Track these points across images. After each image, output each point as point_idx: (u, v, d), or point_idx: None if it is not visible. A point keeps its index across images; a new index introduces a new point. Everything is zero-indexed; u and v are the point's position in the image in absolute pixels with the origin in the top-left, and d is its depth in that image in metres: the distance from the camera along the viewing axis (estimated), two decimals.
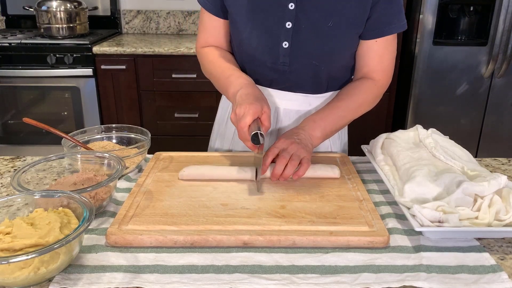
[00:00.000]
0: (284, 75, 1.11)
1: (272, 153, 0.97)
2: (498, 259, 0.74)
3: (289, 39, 1.06)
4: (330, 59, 1.09)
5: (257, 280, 0.68)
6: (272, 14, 1.05)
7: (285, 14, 1.04)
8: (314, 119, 1.05)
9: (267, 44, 1.08)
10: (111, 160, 0.95)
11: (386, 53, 1.10)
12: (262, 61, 1.10)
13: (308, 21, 1.04)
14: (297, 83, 1.13)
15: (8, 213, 0.77)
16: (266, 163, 0.95)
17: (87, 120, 2.64)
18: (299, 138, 1.00)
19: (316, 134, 1.03)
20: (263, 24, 1.06)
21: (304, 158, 0.96)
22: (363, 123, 1.15)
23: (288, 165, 0.94)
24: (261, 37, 1.07)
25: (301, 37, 1.05)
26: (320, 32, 1.04)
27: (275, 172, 0.94)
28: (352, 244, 0.77)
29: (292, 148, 0.96)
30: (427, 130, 1.05)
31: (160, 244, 0.76)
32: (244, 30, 1.08)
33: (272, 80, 1.14)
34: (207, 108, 2.63)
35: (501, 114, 2.58)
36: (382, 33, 1.06)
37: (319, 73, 1.11)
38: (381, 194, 0.96)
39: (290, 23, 1.04)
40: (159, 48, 2.52)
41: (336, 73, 1.14)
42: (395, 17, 1.06)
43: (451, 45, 2.46)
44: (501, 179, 0.83)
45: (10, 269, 0.64)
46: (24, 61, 2.52)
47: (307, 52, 1.07)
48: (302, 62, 1.09)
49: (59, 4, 2.63)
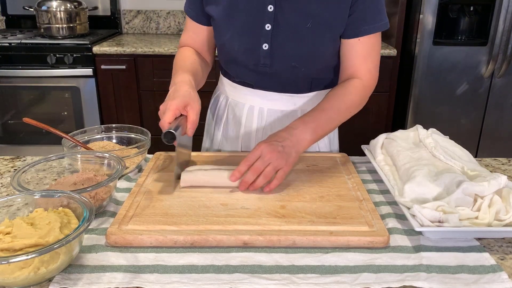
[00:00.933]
0: (266, 76, 1.12)
1: (248, 161, 0.91)
2: (498, 259, 0.74)
3: (269, 41, 1.06)
4: (310, 60, 1.09)
5: (257, 280, 0.68)
6: (251, 17, 1.05)
7: (264, 16, 1.05)
8: (305, 120, 1.00)
9: (247, 46, 1.08)
10: (111, 160, 0.95)
11: (370, 53, 1.08)
12: (244, 63, 1.11)
13: (287, 23, 1.04)
14: (280, 84, 1.14)
15: (8, 213, 0.77)
16: (241, 170, 0.91)
17: (87, 120, 2.64)
18: (282, 145, 0.93)
19: (306, 136, 0.98)
20: (243, 26, 1.07)
21: (280, 171, 0.91)
22: (363, 123, 1.15)
23: (260, 176, 0.90)
24: (242, 39, 1.08)
25: (280, 39, 1.06)
26: (298, 34, 1.05)
27: (244, 180, 0.90)
28: (352, 244, 0.77)
29: (270, 158, 0.91)
30: (427, 130, 1.05)
31: (160, 244, 0.76)
32: (225, 33, 1.09)
33: (255, 81, 1.15)
34: (207, 108, 2.62)
35: (501, 114, 2.58)
36: (363, 32, 1.05)
37: (299, 74, 1.12)
38: (381, 194, 0.96)
39: (269, 25, 1.05)
40: (159, 48, 2.52)
41: (318, 74, 1.14)
42: (375, 16, 1.05)
43: (451, 45, 2.46)
44: (501, 179, 0.83)
45: (10, 269, 0.64)
46: (24, 61, 2.52)
47: (287, 53, 1.07)
48: (282, 63, 1.09)
49: (59, 4, 2.62)
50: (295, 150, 0.95)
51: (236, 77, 1.15)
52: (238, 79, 1.16)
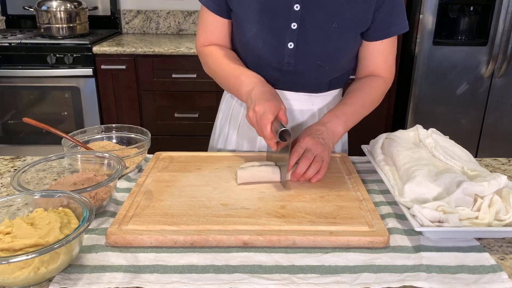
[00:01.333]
0: (289, 75, 1.12)
1: (297, 153, 0.97)
2: (498, 259, 0.74)
3: (295, 39, 1.06)
4: (335, 59, 1.11)
5: (257, 280, 0.68)
6: (278, 15, 1.05)
7: (290, 15, 1.04)
8: (336, 114, 1.06)
9: (272, 44, 1.08)
10: (111, 160, 0.95)
11: (391, 53, 1.13)
12: (268, 62, 1.11)
13: (313, 22, 1.05)
14: (301, 82, 1.14)
15: (8, 213, 0.77)
16: (291, 162, 0.96)
17: (87, 120, 2.64)
18: (323, 138, 1.00)
19: (339, 130, 1.04)
20: (269, 25, 1.07)
21: (324, 161, 0.97)
22: (363, 123, 1.15)
23: (311, 166, 0.96)
24: (267, 38, 1.08)
25: (306, 38, 1.06)
26: (324, 33, 1.05)
27: (297, 171, 0.95)
28: (352, 244, 0.77)
29: (316, 149, 0.97)
30: (427, 130, 1.05)
31: (160, 244, 0.76)
32: (249, 31, 1.08)
33: (276, 80, 1.14)
34: (207, 108, 2.62)
35: (501, 114, 2.58)
36: (388, 34, 1.09)
37: (323, 73, 1.13)
38: (381, 194, 0.96)
39: (295, 24, 1.05)
40: (159, 48, 2.52)
41: (339, 72, 1.16)
42: (398, 18, 1.09)
43: (451, 45, 2.46)
44: (501, 179, 0.83)
45: (10, 269, 0.64)
46: (24, 61, 2.52)
47: (312, 52, 1.08)
48: (307, 62, 1.09)
49: (59, 4, 2.62)
50: (332, 142, 1.03)
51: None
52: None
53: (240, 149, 1.24)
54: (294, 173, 0.96)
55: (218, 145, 1.30)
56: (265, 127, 0.91)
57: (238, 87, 1.05)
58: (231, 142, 1.26)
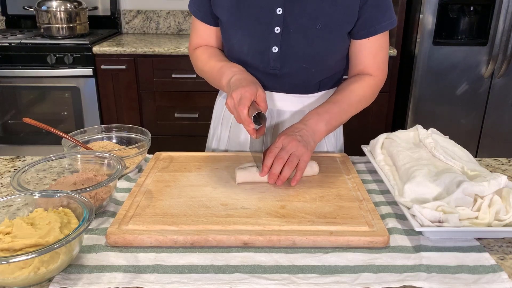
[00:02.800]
0: (276, 78, 1.12)
1: (272, 154, 0.94)
2: (498, 259, 0.74)
3: (278, 43, 1.06)
4: (320, 61, 1.10)
5: (257, 280, 0.68)
6: (260, 20, 1.05)
7: (273, 19, 1.04)
8: (318, 112, 1.04)
9: (257, 49, 1.08)
10: (111, 160, 0.95)
11: (380, 50, 1.11)
12: (254, 66, 1.11)
13: (296, 25, 1.04)
14: (289, 85, 1.14)
15: (8, 213, 0.77)
16: (267, 164, 0.94)
17: (87, 120, 2.64)
18: (300, 135, 0.97)
19: (321, 128, 1.01)
20: (252, 29, 1.07)
21: (301, 160, 0.94)
22: (363, 123, 1.15)
23: (285, 166, 0.93)
24: (251, 42, 1.08)
25: (290, 41, 1.06)
26: (308, 35, 1.05)
27: (272, 173, 0.93)
28: (352, 244, 0.77)
29: (291, 147, 0.94)
30: (427, 130, 1.05)
31: (160, 244, 0.76)
32: (234, 36, 1.09)
33: (264, 83, 1.14)
34: (207, 108, 2.61)
35: (501, 114, 2.58)
36: (374, 31, 1.07)
37: (310, 75, 1.12)
38: (381, 194, 0.96)
39: (278, 28, 1.05)
40: (159, 48, 2.51)
41: (327, 73, 1.15)
42: (384, 15, 1.07)
43: (451, 45, 2.46)
44: (501, 179, 0.83)
45: (10, 269, 0.64)
46: (24, 61, 2.52)
47: (297, 55, 1.08)
48: (293, 65, 1.09)
49: (59, 4, 2.62)
50: (312, 139, 0.99)
51: None
52: None
53: (231, 148, 1.25)
54: (269, 174, 0.93)
55: (212, 146, 1.31)
56: (242, 112, 0.90)
57: (220, 78, 1.06)
58: (223, 143, 1.27)
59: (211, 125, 1.33)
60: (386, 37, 1.11)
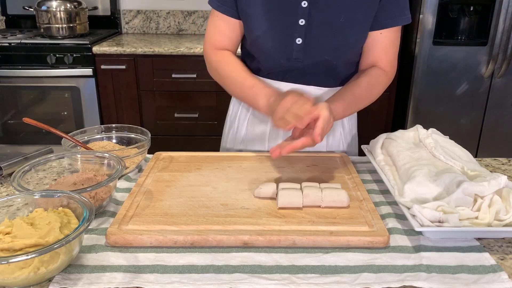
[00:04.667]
0: (298, 70, 1.13)
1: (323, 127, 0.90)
2: (498, 259, 0.74)
3: (303, 35, 1.08)
4: (343, 53, 1.11)
5: (257, 280, 0.68)
6: (286, 12, 1.07)
7: (298, 12, 1.06)
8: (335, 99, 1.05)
9: (281, 41, 1.10)
10: (111, 160, 0.95)
11: (391, 46, 1.13)
12: (277, 57, 1.12)
13: (320, 18, 1.06)
14: (311, 77, 1.15)
15: (8, 213, 0.77)
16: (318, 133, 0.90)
17: (87, 120, 2.64)
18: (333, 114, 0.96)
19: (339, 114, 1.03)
20: (277, 22, 1.08)
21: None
22: (363, 123, 1.15)
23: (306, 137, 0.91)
24: (276, 34, 1.09)
25: (314, 33, 1.08)
26: (332, 28, 1.07)
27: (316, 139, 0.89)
28: (352, 244, 0.77)
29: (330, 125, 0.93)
30: (427, 130, 1.05)
31: (160, 244, 0.76)
32: (259, 28, 1.10)
33: (285, 75, 1.16)
34: (207, 108, 2.62)
35: (501, 114, 2.57)
36: (387, 24, 1.09)
37: (332, 68, 1.13)
38: (381, 194, 0.96)
39: (303, 20, 1.07)
40: (159, 48, 2.52)
41: (349, 66, 1.16)
42: (400, 11, 1.09)
43: (451, 45, 2.46)
44: (501, 179, 0.83)
45: (10, 269, 0.64)
46: (24, 61, 2.52)
47: (320, 47, 1.09)
48: (315, 57, 1.10)
49: (59, 4, 2.62)
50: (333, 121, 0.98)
51: (266, 70, 1.16)
52: (268, 71, 1.16)
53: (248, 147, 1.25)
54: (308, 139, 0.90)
55: (228, 144, 1.30)
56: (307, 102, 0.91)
57: (253, 98, 1.08)
58: (238, 140, 1.27)
59: (226, 124, 1.33)
60: (398, 34, 1.13)
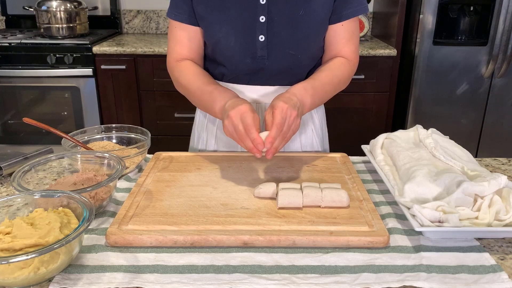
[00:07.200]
0: (264, 68, 1.13)
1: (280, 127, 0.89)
2: (498, 259, 0.74)
3: (265, 32, 1.08)
4: (306, 46, 1.12)
5: (257, 280, 0.68)
6: (245, 11, 1.07)
7: (257, 9, 1.07)
8: (305, 87, 1.02)
9: (244, 40, 1.10)
10: (111, 160, 0.95)
11: (352, 36, 1.15)
12: (241, 58, 1.11)
13: (280, 13, 1.07)
14: (277, 75, 1.15)
15: (8, 213, 0.77)
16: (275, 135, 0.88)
17: (87, 120, 2.64)
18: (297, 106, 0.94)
19: (307, 102, 1.00)
20: (237, 21, 1.08)
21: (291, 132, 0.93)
22: (363, 123, 1.15)
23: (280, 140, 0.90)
24: (237, 34, 1.09)
25: (276, 29, 1.08)
26: (293, 22, 1.08)
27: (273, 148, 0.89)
28: (352, 244, 0.77)
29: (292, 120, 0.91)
30: (427, 130, 1.05)
31: (160, 244, 0.76)
32: (219, 31, 1.09)
33: (251, 76, 1.15)
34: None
35: (501, 114, 2.58)
36: (345, 16, 1.11)
37: (296, 62, 1.13)
38: (381, 194, 0.96)
39: (263, 17, 1.07)
40: (159, 48, 2.51)
41: (312, 61, 1.17)
42: (358, 0, 1.11)
43: (451, 45, 2.46)
44: (501, 179, 0.83)
45: (10, 269, 0.64)
46: (24, 61, 2.52)
47: (283, 42, 1.10)
48: (280, 52, 1.11)
49: (59, 4, 2.62)
50: (301, 112, 0.98)
51: (231, 74, 1.15)
52: (232, 75, 1.15)
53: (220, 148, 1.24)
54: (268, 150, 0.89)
55: (199, 146, 1.29)
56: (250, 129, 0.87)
57: (212, 103, 1.03)
58: (211, 144, 1.26)
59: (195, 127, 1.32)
60: (357, 23, 1.15)
